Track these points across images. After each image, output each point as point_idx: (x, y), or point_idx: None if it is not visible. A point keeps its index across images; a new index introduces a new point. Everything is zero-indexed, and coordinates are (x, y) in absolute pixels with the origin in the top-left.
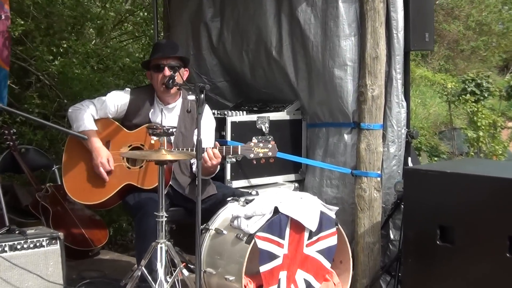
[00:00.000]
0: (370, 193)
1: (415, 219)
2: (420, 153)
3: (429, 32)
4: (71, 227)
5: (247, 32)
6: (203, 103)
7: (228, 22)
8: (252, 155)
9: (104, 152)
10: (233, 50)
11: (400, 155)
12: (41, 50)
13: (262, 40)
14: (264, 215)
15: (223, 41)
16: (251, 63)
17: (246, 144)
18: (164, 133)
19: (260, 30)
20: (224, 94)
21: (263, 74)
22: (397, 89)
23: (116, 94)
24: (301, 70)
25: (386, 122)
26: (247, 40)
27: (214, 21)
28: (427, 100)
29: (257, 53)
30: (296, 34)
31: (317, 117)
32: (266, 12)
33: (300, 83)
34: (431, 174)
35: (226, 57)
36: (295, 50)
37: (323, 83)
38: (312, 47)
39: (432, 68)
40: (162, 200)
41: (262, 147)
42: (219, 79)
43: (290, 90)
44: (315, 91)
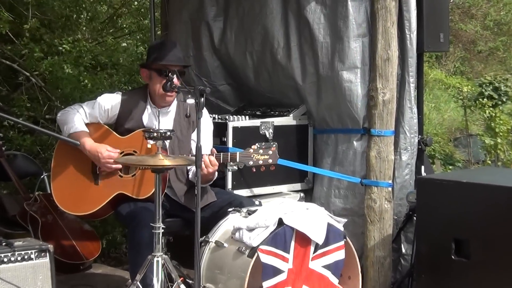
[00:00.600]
0: (380, 204)
1: (428, 232)
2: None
3: (444, 32)
4: (62, 239)
5: (252, 32)
6: (203, 107)
7: (232, 21)
8: (252, 162)
9: (101, 147)
10: (236, 51)
11: (412, 163)
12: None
13: (268, 41)
14: (267, 227)
15: (225, 42)
16: (256, 66)
17: (245, 151)
18: (161, 137)
19: (266, 30)
20: (226, 98)
21: (268, 77)
22: (410, 93)
23: (107, 97)
24: (309, 73)
25: (398, 128)
26: (252, 41)
27: (216, 20)
28: (441, 104)
29: (262, 55)
30: (304, 34)
31: (325, 123)
32: (273, 11)
33: (308, 87)
34: (445, 183)
35: (228, 59)
36: (303, 52)
37: (331, 87)
38: (321, 48)
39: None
40: (159, 210)
41: (262, 153)
42: (220, 82)
43: (296, 94)
44: (324, 95)
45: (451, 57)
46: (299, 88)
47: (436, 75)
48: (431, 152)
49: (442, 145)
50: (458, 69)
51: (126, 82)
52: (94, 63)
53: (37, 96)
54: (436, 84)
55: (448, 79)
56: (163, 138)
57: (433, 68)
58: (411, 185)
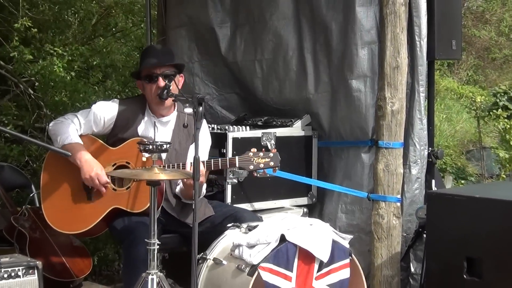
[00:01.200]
0: (388, 220)
1: (439, 250)
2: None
3: (456, 39)
4: (51, 255)
5: (263, 40)
6: (202, 117)
7: (242, 28)
8: (252, 167)
9: (97, 163)
10: (245, 60)
11: (422, 177)
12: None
13: (281, 48)
14: (269, 243)
15: (234, 50)
16: (265, 75)
17: (244, 155)
18: (157, 150)
19: (278, 37)
20: (232, 107)
21: (278, 87)
22: (420, 103)
23: (102, 105)
24: (323, 82)
25: (408, 140)
26: (262, 49)
27: (222, 27)
28: (453, 115)
29: (274, 63)
30: (319, 41)
31: (339, 135)
32: (285, 16)
33: (321, 97)
34: (457, 199)
35: (236, 67)
36: (317, 60)
37: (344, 97)
38: (334, 56)
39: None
40: (154, 225)
41: (263, 156)
42: (227, 90)
43: (306, 106)
44: (337, 105)
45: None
46: (310, 99)
47: (448, 84)
48: (442, 165)
49: (454, 158)
50: (471, 77)
51: (120, 90)
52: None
53: (25, 104)
54: (448, 93)
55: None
56: (159, 151)
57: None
58: (421, 200)
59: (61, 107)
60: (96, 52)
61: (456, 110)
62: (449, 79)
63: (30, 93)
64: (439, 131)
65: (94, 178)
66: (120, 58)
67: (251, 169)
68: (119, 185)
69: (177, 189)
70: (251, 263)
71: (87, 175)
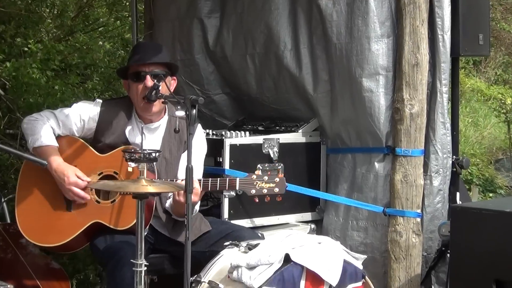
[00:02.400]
0: (407, 238)
1: (464, 272)
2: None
3: (483, 33)
4: (23, 278)
5: (253, 31)
6: (195, 121)
7: (229, 18)
8: (254, 191)
9: (69, 169)
10: (235, 54)
11: (445, 189)
12: None
13: (273, 42)
14: (271, 264)
15: (221, 43)
16: (258, 72)
17: (247, 177)
18: (144, 159)
19: (270, 29)
20: (222, 110)
21: (273, 85)
22: (443, 106)
23: (83, 105)
24: (322, 80)
25: (429, 147)
26: (253, 42)
27: (211, 17)
28: (480, 119)
29: (266, 59)
30: (317, 34)
31: (340, 140)
32: (278, 6)
33: (321, 97)
34: (485, 214)
35: (225, 63)
36: (314, 55)
37: (349, 97)
38: (336, 51)
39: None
40: (141, 243)
41: (267, 180)
42: (215, 91)
43: (307, 106)
44: (339, 107)
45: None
46: (310, 99)
47: (474, 84)
48: (468, 176)
49: (481, 168)
50: (500, 77)
51: (102, 90)
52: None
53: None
54: (474, 95)
55: (488, 89)
56: (147, 161)
57: (470, 76)
58: (444, 215)
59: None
60: (75, 49)
61: (484, 113)
62: (475, 78)
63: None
64: (464, 137)
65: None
66: (102, 57)
67: (252, 194)
68: (104, 198)
69: (167, 204)
70: (251, 287)
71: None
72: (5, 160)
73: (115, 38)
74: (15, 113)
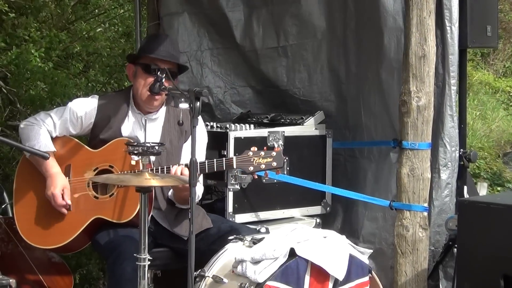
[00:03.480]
0: (414, 232)
1: (472, 267)
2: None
3: (491, 25)
4: (26, 273)
5: (285, 24)
6: (199, 113)
7: (259, 12)
8: (252, 168)
9: (59, 181)
10: (265, 47)
11: (453, 183)
12: None
13: (309, 31)
14: (276, 258)
15: (251, 37)
16: (290, 64)
17: (243, 154)
18: (148, 152)
19: (302, 20)
20: (245, 102)
21: (307, 76)
22: (450, 98)
23: (80, 102)
24: (352, 73)
25: (436, 141)
26: (285, 34)
27: (234, 11)
28: (488, 112)
29: (300, 49)
30: (350, 25)
31: (368, 134)
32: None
33: (350, 89)
34: (493, 208)
35: (254, 57)
36: (347, 46)
37: (372, 90)
38: (362, 42)
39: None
40: (144, 237)
41: (264, 156)
42: (241, 83)
43: (338, 97)
44: (366, 100)
45: (500, 55)
46: (341, 90)
47: (482, 77)
48: (476, 170)
49: (489, 162)
50: (508, 69)
51: (105, 82)
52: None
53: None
54: (482, 87)
55: (496, 81)
56: (151, 154)
57: (478, 68)
58: (451, 209)
59: (37, 102)
60: (76, 37)
61: (492, 106)
62: (483, 71)
63: (1, 86)
64: (472, 131)
65: (50, 197)
66: (105, 45)
67: (251, 171)
68: (102, 192)
69: (169, 193)
70: (256, 281)
71: (48, 192)
72: (7, 153)
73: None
74: (16, 105)
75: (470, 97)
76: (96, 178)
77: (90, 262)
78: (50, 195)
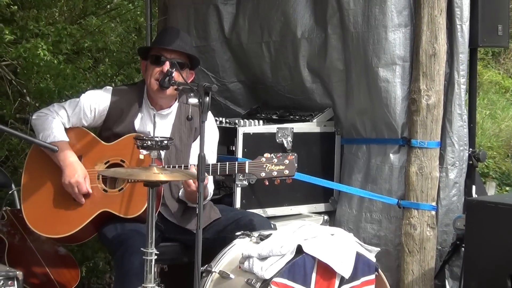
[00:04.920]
0: (421, 231)
1: (479, 266)
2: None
3: (503, 24)
4: (33, 265)
5: (270, 19)
6: (208, 109)
7: (246, 5)
8: (264, 174)
9: (81, 169)
10: (251, 42)
11: (461, 182)
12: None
13: (290, 30)
14: (283, 255)
15: (237, 31)
16: (274, 60)
17: (256, 160)
18: (156, 146)
19: (287, 16)
20: (237, 98)
21: (289, 74)
22: (460, 97)
23: (93, 94)
24: (337, 70)
25: (445, 139)
26: (269, 30)
27: (227, 3)
28: (498, 111)
29: (282, 47)
30: (333, 23)
31: (355, 131)
32: None
33: (336, 87)
34: (501, 208)
35: (241, 51)
36: (331, 44)
37: (365, 87)
38: (352, 40)
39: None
40: (152, 231)
41: (277, 163)
42: (230, 79)
43: (322, 95)
44: (355, 97)
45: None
46: (326, 88)
47: (492, 76)
48: (484, 169)
49: (498, 161)
50: None
51: (114, 74)
52: (75, 48)
53: (5, 91)
54: (492, 86)
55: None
56: (159, 148)
57: (488, 67)
58: (459, 208)
59: (46, 94)
60: (87, 32)
61: (502, 106)
62: (494, 70)
63: (11, 78)
64: (481, 130)
65: (73, 185)
66: (115, 41)
67: (262, 177)
68: (111, 186)
69: (180, 193)
70: (262, 278)
71: (67, 181)
72: (16, 145)
73: (128, 22)
74: (25, 98)
75: (480, 96)
76: (105, 171)
77: (96, 255)
78: (74, 183)
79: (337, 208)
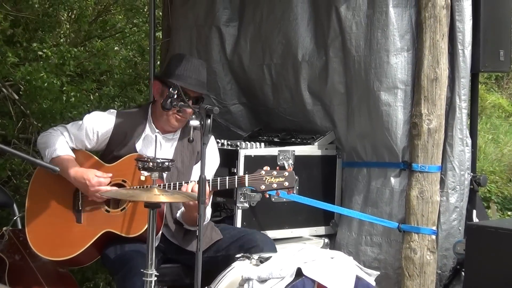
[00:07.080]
0: (421, 255)
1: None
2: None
3: (504, 49)
4: (33, 285)
5: (271, 41)
6: (210, 131)
7: (247, 27)
8: (264, 187)
9: (88, 172)
10: (252, 64)
11: (462, 206)
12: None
13: (291, 52)
14: (283, 278)
15: (239, 53)
16: (275, 82)
17: (255, 173)
18: (157, 168)
19: (289, 39)
20: (238, 120)
21: (290, 96)
22: (461, 121)
23: (97, 116)
24: (338, 93)
25: (446, 164)
26: (271, 52)
27: (229, 26)
28: (500, 136)
29: (283, 69)
30: (335, 46)
31: (356, 154)
32: (297, 16)
33: (337, 110)
34: (502, 233)
35: (242, 73)
36: (332, 67)
37: (366, 111)
38: (354, 63)
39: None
40: (152, 253)
41: (276, 175)
42: (232, 101)
43: (323, 118)
44: (356, 120)
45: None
46: (327, 111)
47: (495, 101)
48: (486, 194)
49: (500, 186)
50: None
51: (116, 95)
52: (79, 71)
53: (9, 111)
54: (495, 111)
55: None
56: (160, 170)
57: (491, 91)
58: (460, 233)
59: (49, 115)
60: (91, 54)
61: (504, 130)
62: (496, 94)
63: (14, 99)
64: (483, 154)
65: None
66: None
67: (262, 189)
68: (114, 207)
69: (177, 214)
70: None
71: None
72: (18, 165)
73: (132, 45)
74: (28, 118)
75: (483, 120)
76: (108, 193)
77: (96, 276)
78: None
79: (338, 231)
